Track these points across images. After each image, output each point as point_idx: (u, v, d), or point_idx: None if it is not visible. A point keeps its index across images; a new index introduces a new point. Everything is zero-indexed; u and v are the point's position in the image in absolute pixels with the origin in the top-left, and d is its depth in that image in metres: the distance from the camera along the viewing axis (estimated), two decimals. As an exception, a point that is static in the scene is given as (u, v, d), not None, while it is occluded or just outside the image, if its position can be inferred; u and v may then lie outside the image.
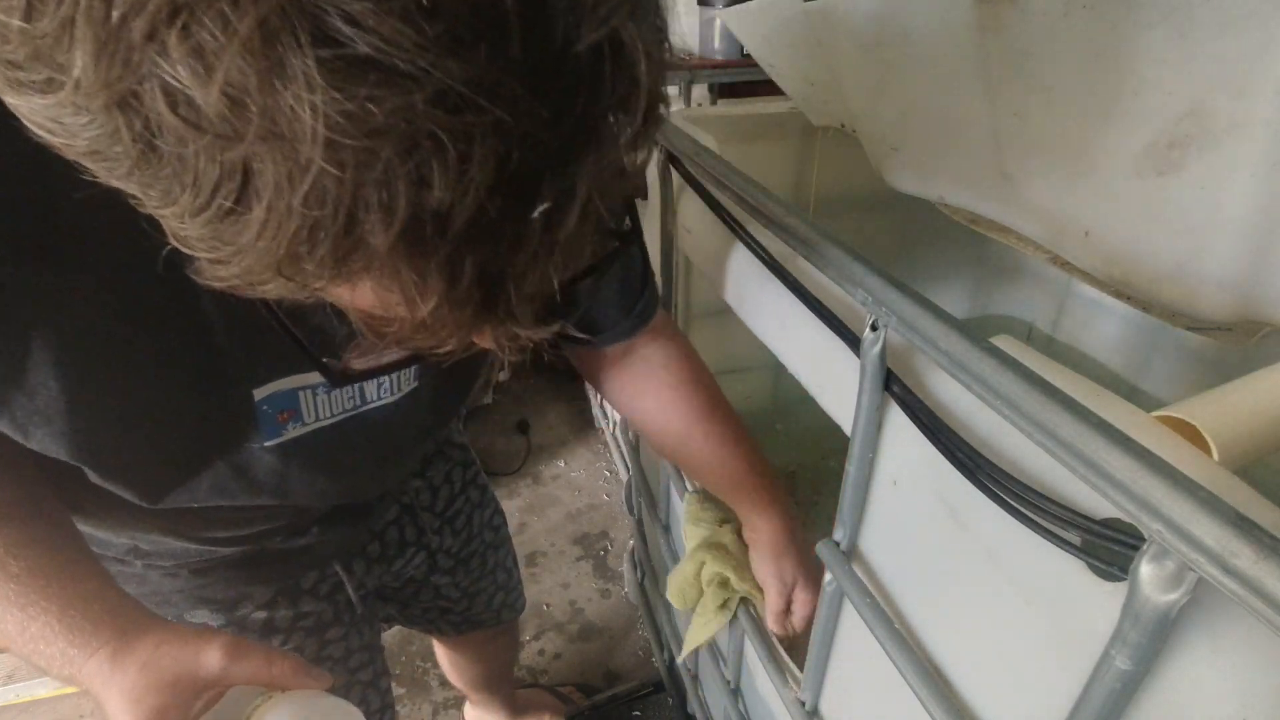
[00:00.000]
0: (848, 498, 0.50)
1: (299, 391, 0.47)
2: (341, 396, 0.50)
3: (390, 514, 0.76)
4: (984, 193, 0.66)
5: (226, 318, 0.42)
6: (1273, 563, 0.23)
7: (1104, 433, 0.28)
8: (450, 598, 0.88)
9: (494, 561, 0.91)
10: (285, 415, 0.47)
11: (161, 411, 0.42)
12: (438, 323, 0.26)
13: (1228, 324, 0.52)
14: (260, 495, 0.49)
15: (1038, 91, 0.55)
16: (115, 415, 0.41)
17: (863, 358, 0.43)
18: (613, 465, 1.94)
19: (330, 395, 0.49)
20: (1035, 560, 0.35)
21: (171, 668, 0.41)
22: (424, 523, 0.80)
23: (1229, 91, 0.43)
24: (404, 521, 0.78)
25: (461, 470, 0.84)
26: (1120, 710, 0.31)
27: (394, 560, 0.77)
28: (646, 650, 1.47)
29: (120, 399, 0.40)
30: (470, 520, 0.85)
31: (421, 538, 0.80)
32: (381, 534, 0.75)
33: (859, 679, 0.57)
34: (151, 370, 0.41)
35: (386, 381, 0.52)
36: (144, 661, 0.41)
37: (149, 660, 0.41)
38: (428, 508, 0.80)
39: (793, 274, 0.55)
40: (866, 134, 0.80)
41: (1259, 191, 0.45)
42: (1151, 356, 1.12)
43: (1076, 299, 1.26)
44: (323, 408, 0.49)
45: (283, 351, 0.45)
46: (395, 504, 0.76)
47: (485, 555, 0.89)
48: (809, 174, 1.16)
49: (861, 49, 0.71)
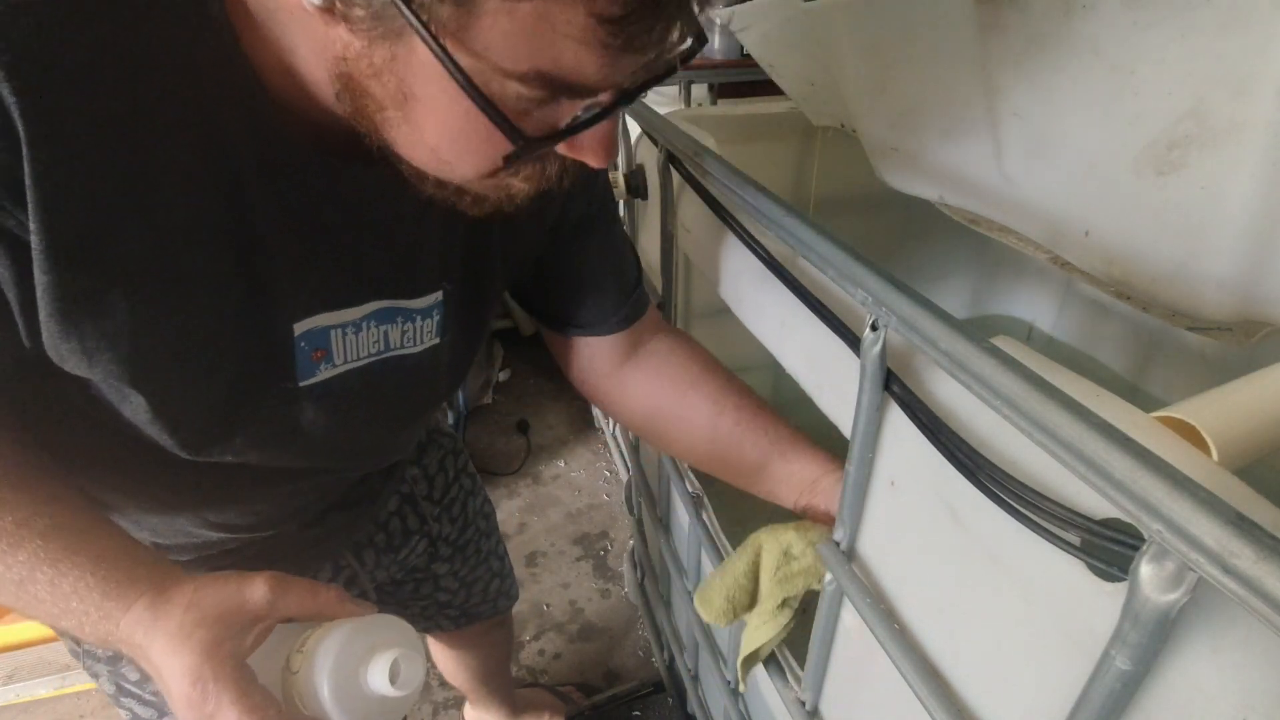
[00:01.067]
0: (848, 498, 0.50)
1: (331, 330, 0.48)
2: (368, 339, 0.50)
3: (392, 504, 0.77)
4: (984, 193, 0.66)
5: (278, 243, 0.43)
6: (1273, 563, 0.23)
7: (1104, 433, 0.28)
8: (449, 589, 0.90)
9: (487, 549, 0.93)
10: (318, 354, 0.48)
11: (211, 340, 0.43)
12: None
13: (1228, 324, 0.52)
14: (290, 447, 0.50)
15: (1038, 91, 0.55)
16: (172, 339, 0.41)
17: (863, 358, 0.43)
18: (613, 465, 1.94)
19: (358, 337, 0.50)
20: (1035, 560, 0.35)
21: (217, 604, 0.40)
22: (424, 510, 0.81)
23: (1229, 91, 0.43)
24: (405, 511, 0.79)
25: (453, 458, 0.86)
26: (1120, 710, 0.31)
27: (399, 549, 0.79)
28: (646, 650, 1.47)
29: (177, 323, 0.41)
30: (465, 507, 0.87)
31: (423, 526, 0.81)
32: (385, 524, 0.77)
33: (859, 679, 0.57)
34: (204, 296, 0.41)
35: (411, 329, 0.52)
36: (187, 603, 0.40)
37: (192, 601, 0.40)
38: (426, 496, 0.82)
39: (793, 274, 0.55)
40: (866, 134, 0.80)
41: (1259, 191, 0.45)
42: (1151, 356, 1.12)
43: (1076, 299, 1.26)
44: (351, 349, 0.50)
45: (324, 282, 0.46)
46: (396, 494, 0.78)
47: (479, 543, 0.91)
48: (809, 174, 1.16)
49: (861, 49, 0.71)
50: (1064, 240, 0.60)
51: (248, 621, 0.40)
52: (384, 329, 0.51)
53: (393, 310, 0.51)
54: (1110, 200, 0.54)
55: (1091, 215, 0.56)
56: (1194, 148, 0.46)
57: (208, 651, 0.38)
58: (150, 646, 0.39)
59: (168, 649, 0.39)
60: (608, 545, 1.72)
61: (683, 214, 0.79)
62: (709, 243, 0.74)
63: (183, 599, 0.40)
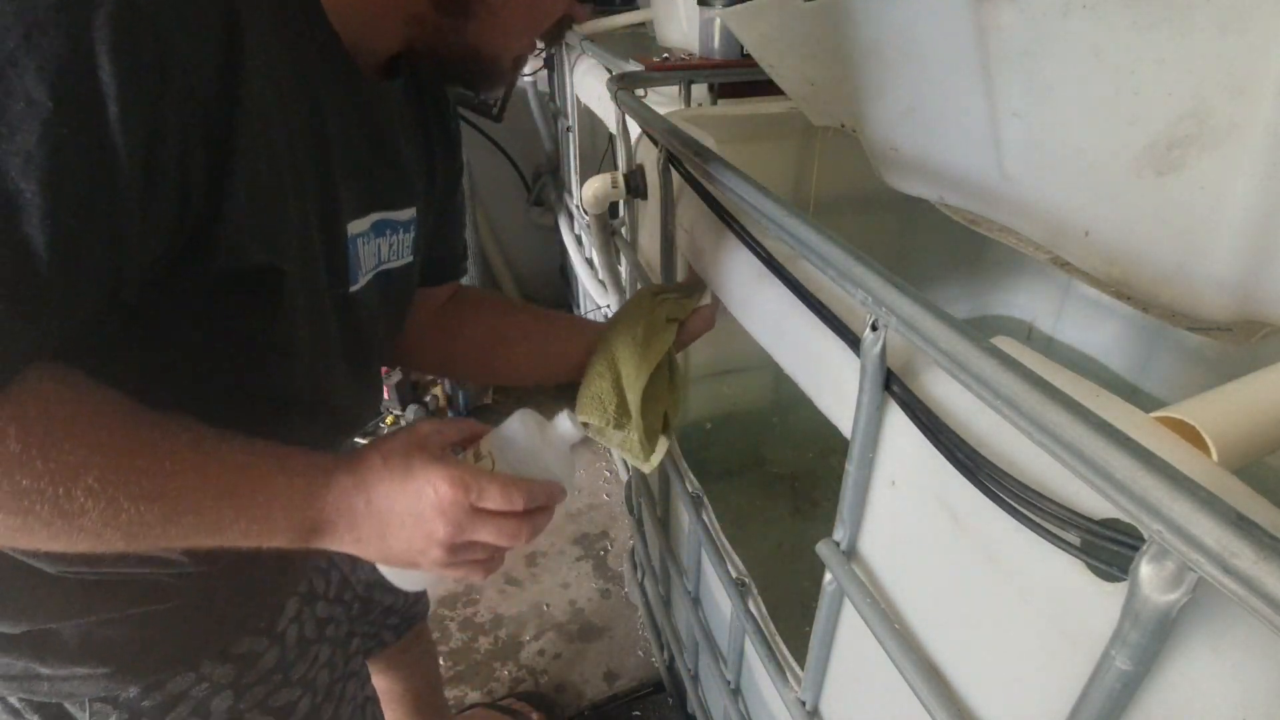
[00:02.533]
0: (848, 498, 0.50)
1: (358, 239, 0.52)
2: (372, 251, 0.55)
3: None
4: (984, 193, 0.66)
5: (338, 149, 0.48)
6: (1273, 563, 0.23)
7: (1104, 433, 0.28)
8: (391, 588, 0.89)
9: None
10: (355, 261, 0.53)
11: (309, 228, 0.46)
12: None
13: (1228, 324, 0.52)
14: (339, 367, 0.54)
15: (1038, 91, 0.55)
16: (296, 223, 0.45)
17: (863, 358, 0.43)
18: (613, 465, 1.94)
19: (367, 247, 0.54)
20: (1035, 560, 0.35)
21: (406, 444, 0.47)
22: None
23: (1229, 91, 0.43)
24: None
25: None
26: (1120, 710, 0.31)
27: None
28: (646, 650, 1.47)
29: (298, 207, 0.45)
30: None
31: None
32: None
33: (859, 679, 0.57)
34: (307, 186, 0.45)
35: (396, 243, 0.57)
36: (383, 454, 0.47)
37: (385, 452, 0.47)
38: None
39: (792, 274, 0.55)
40: (866, 134, 0.80)
41: (1259, 192, 0.45)
42: (1151, 356, 1.12)
43: (1076, 299, 1.26)
44: (368, 259, 0.54)
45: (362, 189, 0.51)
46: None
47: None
48: (809, 174, 1.16)
49: (861, 49, 0.71)
50: (1064, 240, 0.60)
51: (435, 446, 0.48)
52: (378, 242, 0.55)
53: (384, 223, 0.55)
54: (1110, 200, 0.53)
55: (1091, 215, 0.56)
56: (1194, 148, 0.46)
57: (440, 460, 0.46)
58: (372, 491, 0.45)
59: (396, 480, 0.45)
60: (608, 545, 1.72)
61: (683, 214, 0.79)
62: (709, 243, 0.74)
63: (374, 456, 0.47)
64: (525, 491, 0.47)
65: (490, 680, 1.43)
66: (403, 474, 0.46)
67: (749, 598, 0.74)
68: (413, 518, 0.46)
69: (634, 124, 0.92)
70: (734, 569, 0.77)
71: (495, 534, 0.47)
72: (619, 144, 1.03)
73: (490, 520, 0.47)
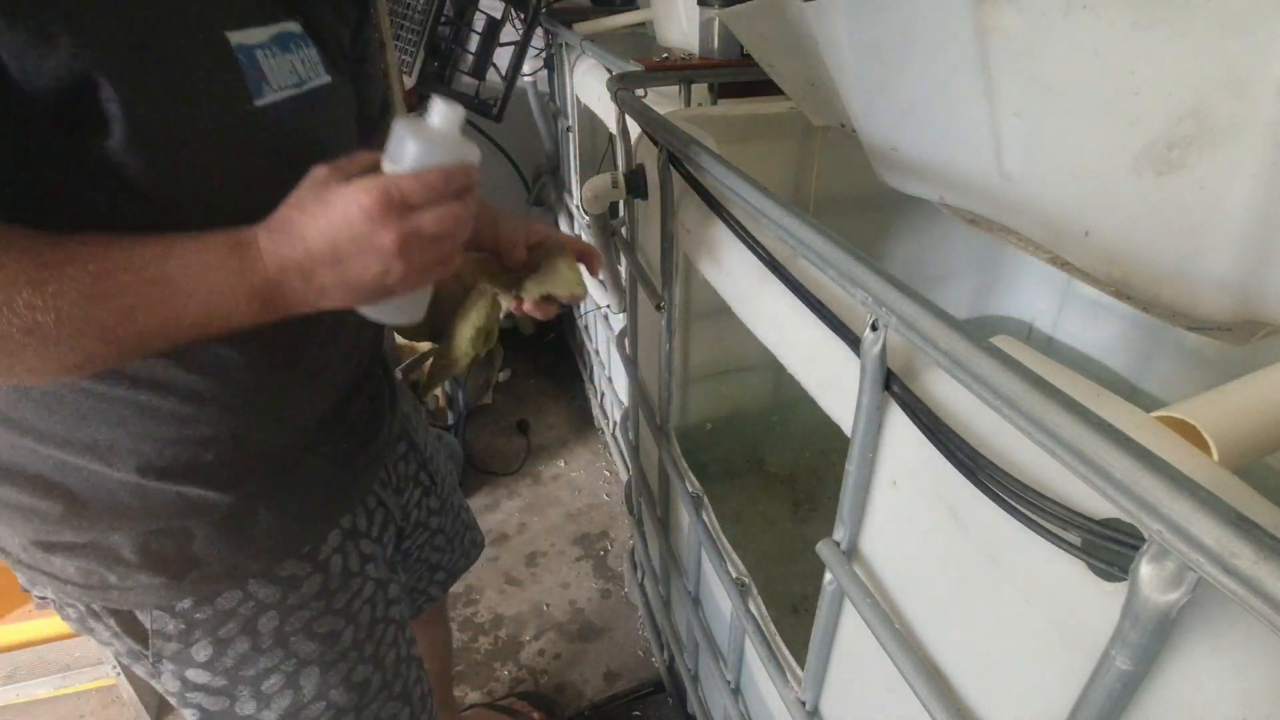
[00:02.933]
0: (848, 498, 0.50)
1: (255, 50, 0.51)
2: (285, 66, 0.53)
3: (401, 448, 0.83)
4: (984, 193, 0.66)
5: None
6: (1273, 563, 0.23)
7: (1104, 433, 0.28)
8: (439, 546, 0.93)
9: (458, 503, 0.97)
10: (258, 73, 0.51)
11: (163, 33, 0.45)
12: None
13: (1228, 324, 0.52)
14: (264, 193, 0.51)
15: (1038, 91, 0.55)
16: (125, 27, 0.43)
17: (863, 358, 0.43)
18: (613, 465, 1.94)
19: (278, 61, 0.52)
20: (1035, 560, 0.35)
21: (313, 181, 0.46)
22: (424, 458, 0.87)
23: (1229, 91, 0.43)
24: (410, 456, 0.84)
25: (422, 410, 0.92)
26: (1120, 710, 0.31)
27: (403, 491, 0.83)
28: (646, 650, 1.47)
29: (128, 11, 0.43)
30: (438, 459, 0.92)
31: (419, 473, 0.86)
32: (395, 466, 0.81)
33: (859, 679, 0.57)
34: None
35: (306, 58, 0.56)
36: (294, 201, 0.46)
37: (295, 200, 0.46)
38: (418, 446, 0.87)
39: (793, 274, 0.55)
40: (866, 134, 0.79)
41: (1259, 191, 0.45)
42: (1151, 356, 1.12)
43: (1076, 299, 1.26)
44: (280, 74, 0.53)
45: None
46: (405, 438, 0.83)
47: (452, 496, 0.95)
48: (809, 174, 1.16)
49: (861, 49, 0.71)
50: (1064, 240, 0.60)
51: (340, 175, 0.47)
52: (289, 59, 0.54)
53: (286, 36, 0.54)
54: (1110, 200, 0.53)
55: (1091, 215, 0.56)
56: (1194, 148, 0.46)
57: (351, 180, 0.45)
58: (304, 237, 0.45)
59: (320, 216, 0.45)
60: (608, 545, 1.72)
61: (683, 214, 0.79)
62: (709, 243, 0.74)
63: (288, 210, 0.46)
64: (440, 175, 0.47)
65: (490, 680, 1.43)
66: (324, 208, 0.45)
67: (749, 598, 0.74)
68: (354, 242, 0.45)
69: (634, 124, 0.92)
70: (734, 569, 0.77)
71: (436, 221, 0.47)
72: (619, 144, 1.03)
73: (423, 213, 0.47)
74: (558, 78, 1.78)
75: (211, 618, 0.61)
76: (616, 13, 1.69)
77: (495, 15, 1.64)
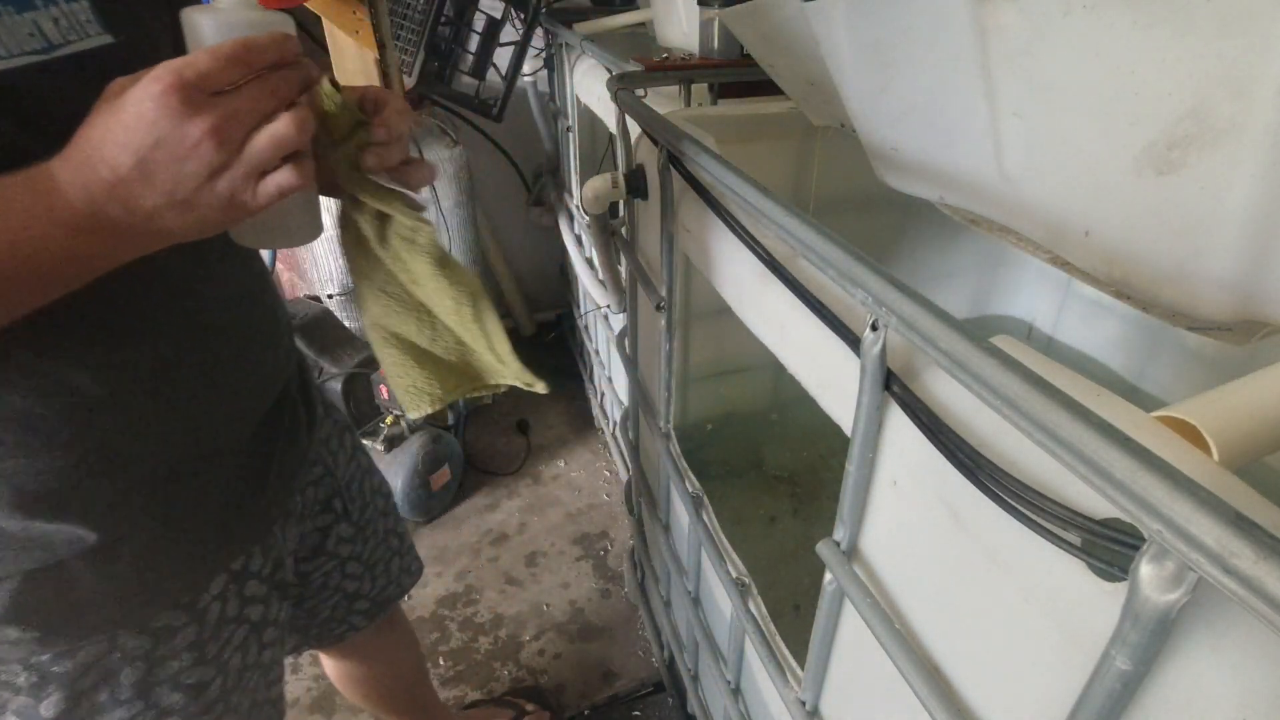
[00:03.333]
0: (848, 498, 0.50)
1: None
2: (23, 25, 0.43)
3: (316, 472, 0.78)
4: (984, 193, 0.66)
5: None
6: (1273, 563, 0.23)
7: (1104, 433, 0.28)
8: (355, 574, 0.88)
9: (385, 528, 0.92)
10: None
11: None
12: None
13: (1228, 324, 0.52)
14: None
15: (1038, 91, 0.55)
16: None
17: (863, 358, 0.43)
18: (613, 465, 1.94)
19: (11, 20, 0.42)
20: (1035, 560, 0.35)
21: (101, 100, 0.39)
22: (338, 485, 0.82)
23: (1229, 91, 0.43)
24: (324, 482, 0.80)
25: (349, 435, 0.86)
26: (1120, 710, 0.31)
27: (306, 519, 0.78)
28: (646, 650, 1.47)
29: None
30: (362, 487, 0.87)
31: (331, 500, 0.81)
32: (303, 490, 0.76)
33: (859, 679, 0.57)
34: None
35: (61, 17, 0.45)
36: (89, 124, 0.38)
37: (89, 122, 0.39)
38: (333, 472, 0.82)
39: (793, 274, 0.55)
40: (866, 134, 0.79)
41: (1259, 191, 0.45)
42: (1151, 356, 1.12)
43: (1076, 299, 1.26)
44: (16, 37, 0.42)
45: None
46: (320, 464, 0.79)
47: (378, 522, 0.90)
48: (809, 174, 1.16)
49: (861, 49, 0.71)
50: (1064, 240, 0.60)
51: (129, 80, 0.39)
52: (31, 17, 0.43)
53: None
54: (1110, 200, 0.53)
55: (1091, 215, 0.56)
56: (1194, 148, 0.46)
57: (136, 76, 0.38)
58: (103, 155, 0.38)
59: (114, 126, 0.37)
60: (608, 545, 1.72)
61: (683, 214, 0.79)
62: (709, 243, 0.74)
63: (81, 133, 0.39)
64: (240, 44, 0.39)
65: (490, 680, 1.43)
66: (115, 116, 0.38)
67: (749, 598, 0.74)
68: (159, 145, 0.38)
69: (634, 124, 0.92)
70: (734, 569, 0.77)
71: (252, 98, 0.39)
72: (619, 144, 1.03)
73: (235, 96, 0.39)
74: (558, 78, 1.78)
75: (70, 670, 0.56)
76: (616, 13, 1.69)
77: (495, 15, 1.64)
